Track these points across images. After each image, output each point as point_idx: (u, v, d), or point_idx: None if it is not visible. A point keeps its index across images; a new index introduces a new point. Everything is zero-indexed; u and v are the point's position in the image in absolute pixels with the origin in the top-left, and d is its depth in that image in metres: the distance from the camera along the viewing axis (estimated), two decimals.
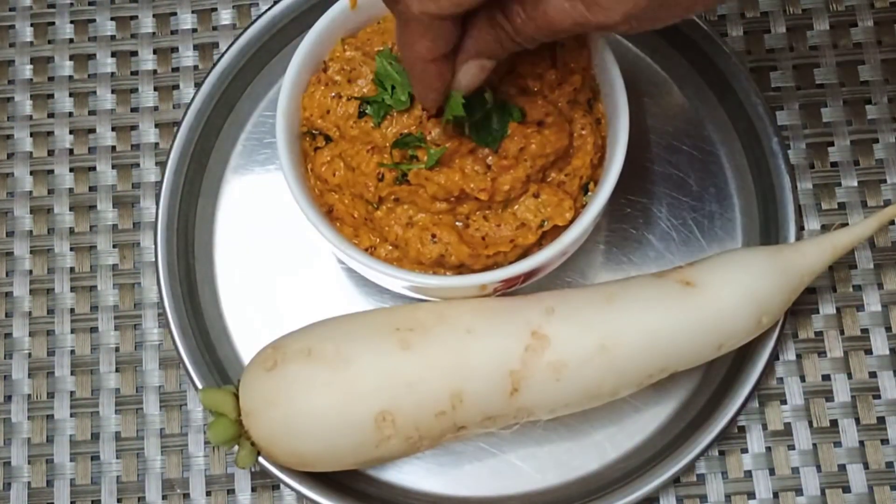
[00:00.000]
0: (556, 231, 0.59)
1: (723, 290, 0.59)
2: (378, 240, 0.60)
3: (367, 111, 0.59)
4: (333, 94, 0.60)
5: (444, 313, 0.59)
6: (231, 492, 0.67)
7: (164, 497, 0.67)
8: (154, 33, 0.75)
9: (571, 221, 0.59)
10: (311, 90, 0.61)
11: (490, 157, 0.57)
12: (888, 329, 0.68)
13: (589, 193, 0.60)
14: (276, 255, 0.70)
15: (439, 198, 0.58)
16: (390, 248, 0.59)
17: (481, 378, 0.58)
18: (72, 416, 0.69)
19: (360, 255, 0.58)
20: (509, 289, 0.61)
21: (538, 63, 0.60)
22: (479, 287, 0.59)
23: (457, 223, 0.59)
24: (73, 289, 0.71)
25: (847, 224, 0.69)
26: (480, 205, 0.58)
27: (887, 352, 0.68)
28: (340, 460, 0.59)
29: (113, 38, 0.75)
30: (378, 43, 0.61)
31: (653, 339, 0.59)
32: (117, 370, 0.69)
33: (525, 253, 0.59)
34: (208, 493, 0.67)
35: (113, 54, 0.75)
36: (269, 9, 0.70)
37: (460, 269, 0.59)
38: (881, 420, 0.67)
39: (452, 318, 0.59)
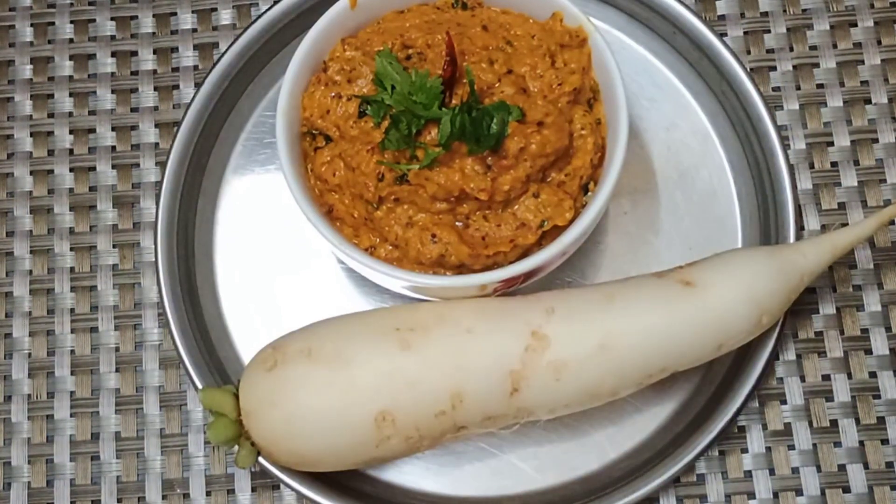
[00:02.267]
0: (556, 231, 0.59)
1: (723, 290, 0.59)
2: (378, 240, 0.60)
3: (367, 111, 0.59)
4: (333, 94, 0.60)
5: (444, 313, 0.59)
6: (231, 492, 0.67)
7: (164, 497, 0.67)
8: (154, 33, 0.75)
9: (571, 221, 0.59)
10: (311, 90, 0.61)
11: (490, 157, 0.57)
12: (888, 329, 0.68)
13: (589, 193, 0.60)
14: (276, 255, 0.70)
15: (439, 198, 0.58)
16: (390, 248, 0.59)
17: (481, 378, 0.58)
18: (72, 416, 0.69)
19: (360, 255, 0.58)
20: (509, 289, 0.61)
21: (538, 63, 0.60)
22: (479, 287, 0.59)
23: (457, 223, 0.59)
24: (73, 289, 0.71)
25: (847, 224, 0.69)
26: (480, 205, 0.58)
27: (887, 352, 0.68)
28: (341, 460, 0.59)
29: (113, 38, 0.75)
30: (378, 43, 0.61)
31: (653, 339, 0.59)
32: (117, 370, 0.69)
33: (525, 253, 0.59)
34: (208, 493, 0.67)
35: (113, 54, 0.75)
36: (269, 9, 0.70)
37: (460, 269, 0.59)
38: (881, 420, 0.67)
39: (452, 318, 0.59)
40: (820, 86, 0.73)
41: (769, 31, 0.74)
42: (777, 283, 0.60)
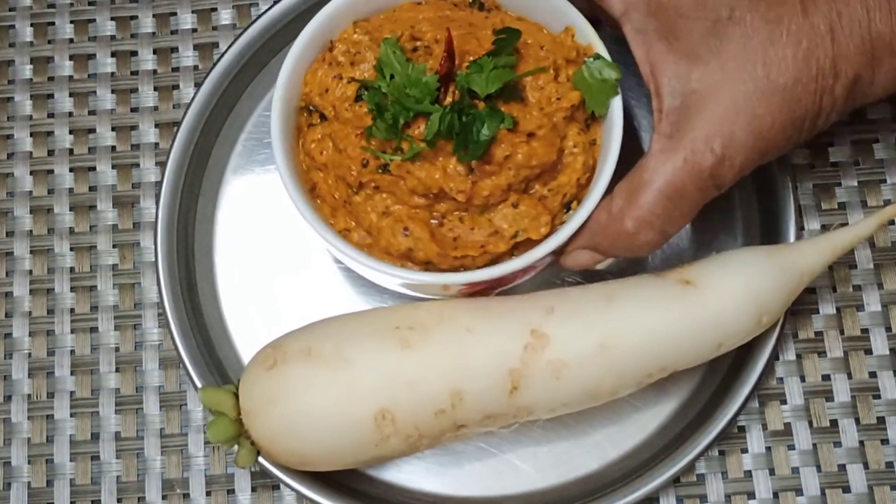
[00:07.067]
0: (530, 244, 0.59)
1: (722, 290, 0.60)
2: (353, 223, 0.60)
3: (363, 96, 0.59)
4: (335, 74, 0.60)
5: (444, 312, 0.60)
6: (231, 492, 0.67)
7: (164, 497, 0.67)
8: (154, 33, 0.75)
9: (546, 237, 0.59)
10: (314, 67, 0.61)
11: (474, 161, 0.57)
12: (888, 329, 0.68)
13: (570, 211, 0.60)
14: (276, 255, 0.70)
15: (418, 192, 0.58)
16: (364, 233, 0.60)
17: (481, 377, 0.58)
18: (72, 416, 0.69)
19: (332, 236, 0.59)
20: (473, 292, 0.61)
21: (541, 75, 0.59)
22: (442, 286, 0.59)
23: (432, 220, 0.59)
24: (73, 289, 0.71)
25: (847, 224, 0.69)
26: (458, 206, 0.58)
27: (887, 352, 0.68)
28: (340, 459, 0.59)
29: (113, 38, 0.75)
30: (388, 30, 0.61)
31: (652, 339, 0.59)
32: (117, 370, 0.69)
33: (495, 260, 0.59)
34: (208, 493, 0.67)
35: (113, 54, 0.75)
36: (269, 9, 0.70)
37: (427, 265, 0.59)
38: (881, 420, 0.67)
39: (452, 317, 0.59)
40: None
41: None
42: (777, 283, 0.60)
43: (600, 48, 0.60)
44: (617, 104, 0.59)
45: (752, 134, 0.54)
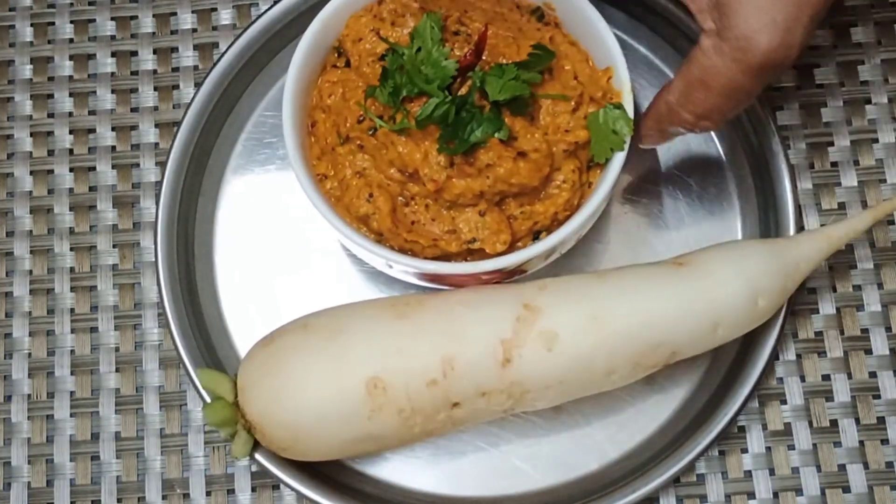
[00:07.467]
0: (484, 255, 0.59)
1: (712, 266, 0.60)
2: (332, 172, 0.60)
3: (386, 58, 0.59)
4: (373, 27, 0.61)
5: (440, 293, 0.61)
6: (231, 492, 0.67)
7: (164, 497, 0.67)
8: (154, 33, 0.75)
9: (501, 255, 0.59)
10: (360, 14, 0.62)
11: (458, 157, 0.57)
12: (888, 329, 0.68)
13: (537, 241, 0.60)
14: (276, 255, 0.70)
15: (395, 166, 0.58)
16: (336, 185, 0.60)
17: (472, 345, 0.58)
18: (72, 416, 0.69)
19: (303, 175, 0.59)
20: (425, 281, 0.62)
21: (560, 102, 0.59)
22: (386, 263, 0.61)
23: (400, 198, 0.59)
24: (73, 289, 0.71)
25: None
26: (428, 193, 0.58)
27: (887, 352, 0.68)
28: (333, 433, 0.58)
29: (113, 38, 0.75)
30: (440, 5, 0.61)
31: (643, 311, 0.59)
32: (117, 370, 0.69)
33: (442, 256, 0.59)
34: (208, 493, 0.67)
35: (113, 54, 0.75)
36: (269, 9, 0.70)
37: (379, 237, 0.60)
38: (881, 420, 0.67)
39: (447, 295, 0.60)
40: (820, 86, 0.73)
41: None
42: (769, 265, 0.60)
43: (627, 100, 0.60)
44: (619, 159, 0.59)
45: (797, 6, 0.54)
